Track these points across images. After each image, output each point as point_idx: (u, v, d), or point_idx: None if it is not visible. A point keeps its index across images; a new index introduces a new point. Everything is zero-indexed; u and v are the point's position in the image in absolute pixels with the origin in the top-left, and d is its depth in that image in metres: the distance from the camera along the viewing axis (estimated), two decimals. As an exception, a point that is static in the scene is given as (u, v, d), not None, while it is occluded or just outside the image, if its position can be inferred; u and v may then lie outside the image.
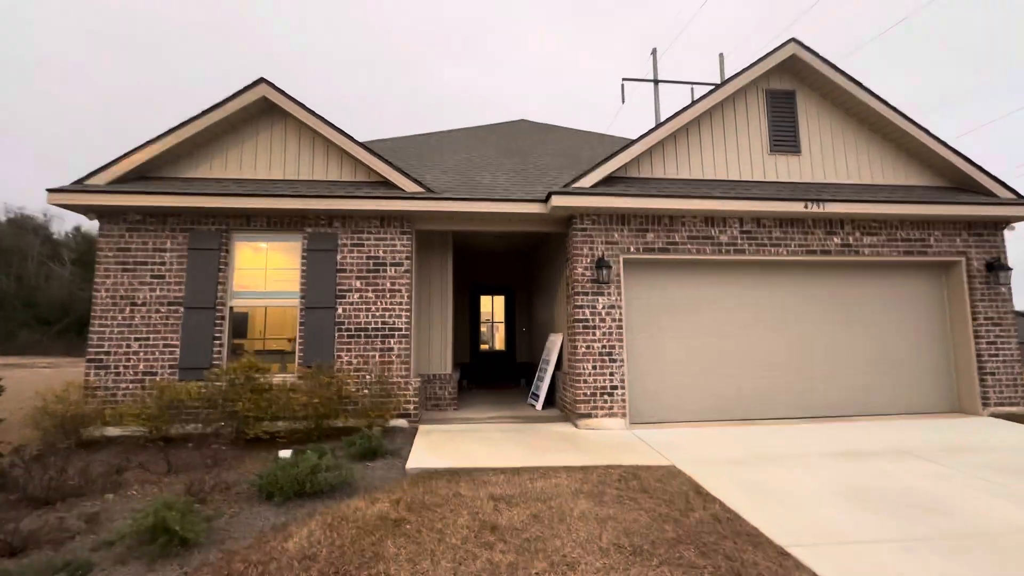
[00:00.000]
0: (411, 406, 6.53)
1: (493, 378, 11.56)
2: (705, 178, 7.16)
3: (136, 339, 6.28)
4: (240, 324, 6.80)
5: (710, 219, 6.90)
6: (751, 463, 4.92)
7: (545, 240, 9.50)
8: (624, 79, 16.69)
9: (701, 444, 5.63)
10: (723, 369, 6.90)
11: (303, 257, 6.64)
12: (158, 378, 6.22)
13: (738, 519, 3.56)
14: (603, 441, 5.78)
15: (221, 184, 6.59)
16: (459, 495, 4.06)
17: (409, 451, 5.26)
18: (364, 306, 6.61)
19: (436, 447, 5.41)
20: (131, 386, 6.13)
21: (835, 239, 6.99)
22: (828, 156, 7.42)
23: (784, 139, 7.37)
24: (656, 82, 16.81)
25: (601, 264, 6.51)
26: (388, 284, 6.68)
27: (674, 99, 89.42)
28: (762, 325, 7.03)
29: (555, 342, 7.92)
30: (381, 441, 5.08)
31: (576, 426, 6.43)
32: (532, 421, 6.83)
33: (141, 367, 6.24)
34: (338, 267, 6.64)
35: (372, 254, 6.71)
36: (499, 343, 12.42)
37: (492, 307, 12.13)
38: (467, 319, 11.72)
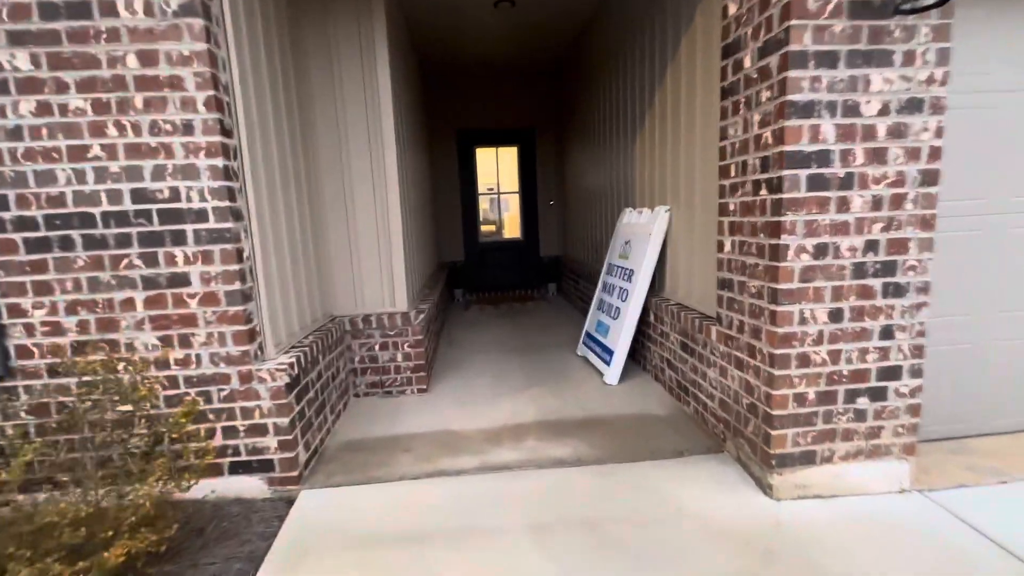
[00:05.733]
0: (271, 437, 2.22)
1: (503, 283, 7.22)
2: None
3: None
4: None
5: None
6: None
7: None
8: None
9: None
10: None
11: None
12: None
13: None
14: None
15: None
16: None
17: None
18: (59, 137, 1.97)
19: None
20: None
21: None
22: None
23: None
24: None
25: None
26: (134, 60, 1.95)
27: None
28: None
29: (645, 228, 3.35)
30: None
31: (766, 488, 2.13)
32: (620, 443, 2.55)
33: None
34: (-69, -4, 1.86)
35: (53, -55, 1.88)
36: (510, 227, 7.85)
37: (497, 167, 7.32)
38: (457, 189, 7.01)
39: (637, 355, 3.67)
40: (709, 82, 2.59)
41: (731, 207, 2.28)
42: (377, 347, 3.29)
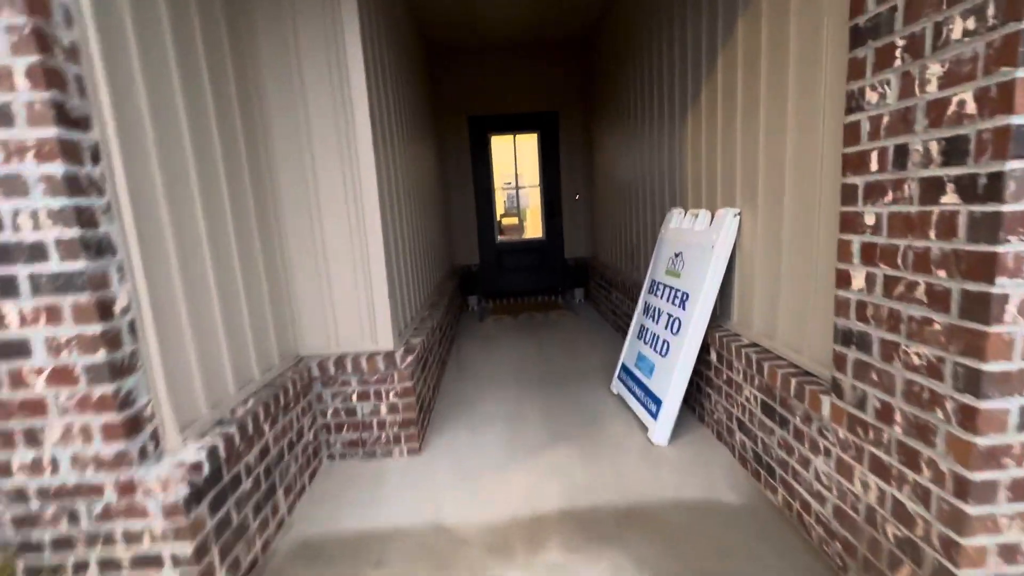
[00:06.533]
0: (169, 571, 1.53)
1: (524, 289, 6.44)
2: None
3: None
4: None
5: None
6: None
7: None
8: None
9: None
10: None
11: None
12: None
13: None
14: None
15: None
16: None
17: None
18: None
19: None
20: None
21: None
22: None
23: None
24: None
25: None
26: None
27: None
28: None
29: (704, 238, 2.50)
30: None
31: None
32: (681, 560, 1.76)
33: None
34: None
35: None
36: (532, 224, 7.03)
37: (515, 158, 6.49)
38: (470, 185, 6.23)
39: (691, 398, 2.85)
40: (808, 26, 1.72)
41: (868, 220, 1.43)
42: (355, 397, 2.57)
